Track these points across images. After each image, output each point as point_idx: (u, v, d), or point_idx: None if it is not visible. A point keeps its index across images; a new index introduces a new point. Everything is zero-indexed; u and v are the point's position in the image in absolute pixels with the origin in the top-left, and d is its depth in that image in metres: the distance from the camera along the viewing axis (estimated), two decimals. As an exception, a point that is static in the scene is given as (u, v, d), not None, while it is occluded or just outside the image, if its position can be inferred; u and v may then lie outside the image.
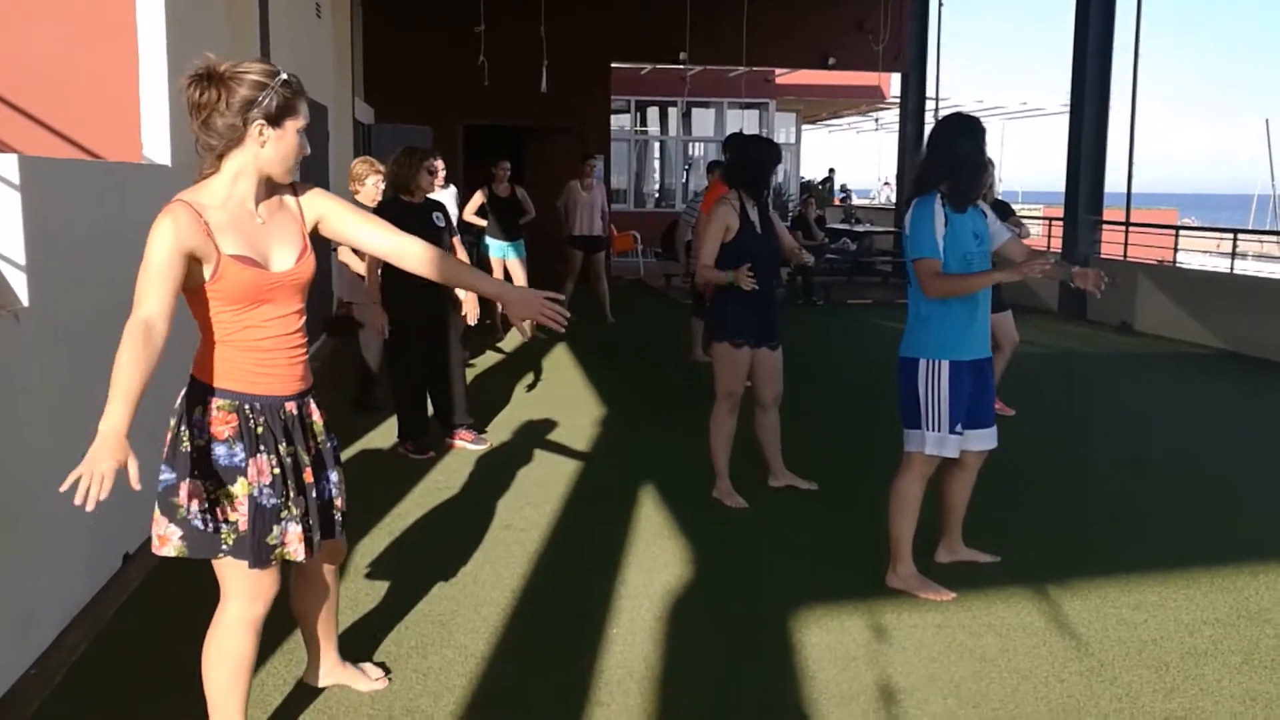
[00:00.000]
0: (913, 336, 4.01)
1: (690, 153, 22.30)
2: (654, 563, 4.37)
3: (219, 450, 2.51)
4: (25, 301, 3.34)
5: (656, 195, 22.27)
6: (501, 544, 4.58)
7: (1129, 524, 4.98)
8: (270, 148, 2.48)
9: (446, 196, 8.34)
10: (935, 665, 3.47)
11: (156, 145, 4.94)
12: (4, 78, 4.90)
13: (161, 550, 2.53)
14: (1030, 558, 4.45)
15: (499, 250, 10.14)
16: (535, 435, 6.51)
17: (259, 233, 2.52)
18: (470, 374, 7.39)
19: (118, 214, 4.29)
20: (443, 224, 5.87)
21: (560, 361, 9.11)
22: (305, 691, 3.18)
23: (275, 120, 2.46)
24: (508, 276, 10.15)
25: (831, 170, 24.48)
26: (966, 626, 3.77)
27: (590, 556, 4.47)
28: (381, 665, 3.36)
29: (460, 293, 5.70)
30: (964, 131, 3.99)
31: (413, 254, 2.72)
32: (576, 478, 5.63)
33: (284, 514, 2.58)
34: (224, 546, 2.53)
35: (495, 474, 5.67)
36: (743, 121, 21.62)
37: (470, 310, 5.68)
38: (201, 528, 2.50)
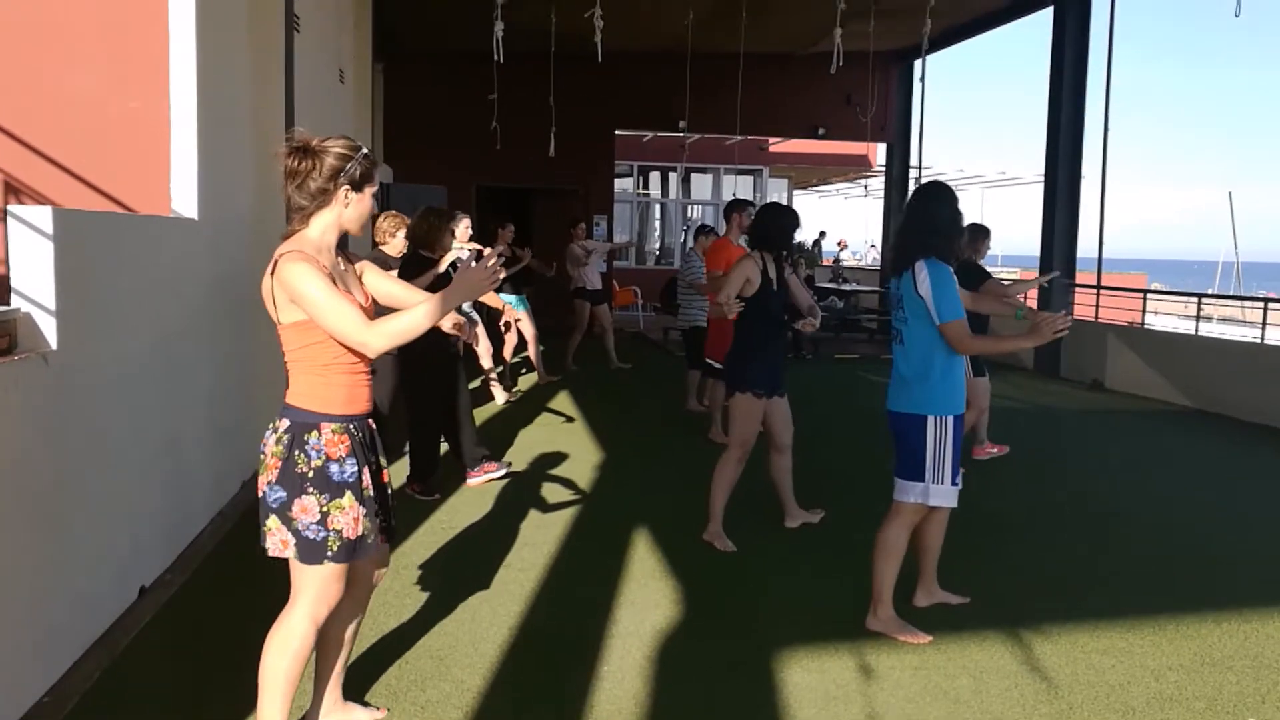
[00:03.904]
0: (914, 394, 3.88)
1: (689, 214, 22.42)
2: (645, 603, 4.33)
3: (333, 468, 2.71)
4: (54, 345, 3.35)
5: (657, 253, 22.38)
6: (500, 582, 4.54)
7: (1099, 572, 4.94)
8: (352, 208, 2.77)
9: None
10: (911, 705, 3.43)
11: (184, 199, 4.97)
12: (43, 134, 4.96)
13: (283, 553, 2.73)
14: (1004, 603, 4.41)
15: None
16: (536, 478, 6.49)
17: (341, 276, 2.80)
18: (480, 417, 7.35)
19: (146, 264, 4.31)
20: None
21: (562, 408, 9.09)
22: (307, 722, 3.13)
23: (357, 186, 2.75)
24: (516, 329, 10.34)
25: (822, 233, 24.53)
26: (942, 669, 3.72)
27: (585, 596, 4.43)
28: (370, 704, 3.31)
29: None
30: (942, 198, 3.95)
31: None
32: (574, 520, 5.60)
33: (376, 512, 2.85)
34: (329, 553, 2.71)
35: (496, 515, 5.64)
36: (737, 186, 21.79)
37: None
38: (312, 538, 2.70)
